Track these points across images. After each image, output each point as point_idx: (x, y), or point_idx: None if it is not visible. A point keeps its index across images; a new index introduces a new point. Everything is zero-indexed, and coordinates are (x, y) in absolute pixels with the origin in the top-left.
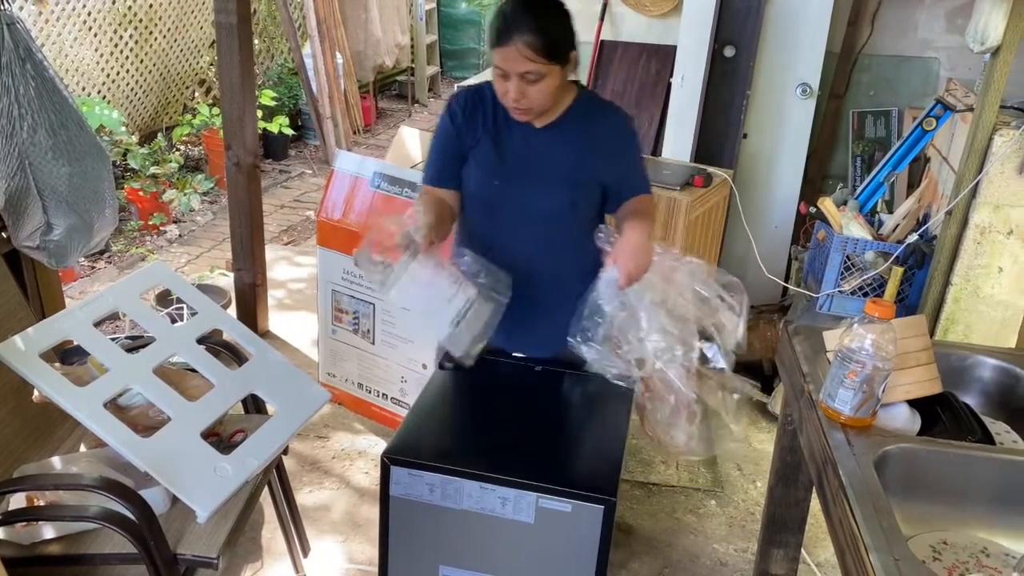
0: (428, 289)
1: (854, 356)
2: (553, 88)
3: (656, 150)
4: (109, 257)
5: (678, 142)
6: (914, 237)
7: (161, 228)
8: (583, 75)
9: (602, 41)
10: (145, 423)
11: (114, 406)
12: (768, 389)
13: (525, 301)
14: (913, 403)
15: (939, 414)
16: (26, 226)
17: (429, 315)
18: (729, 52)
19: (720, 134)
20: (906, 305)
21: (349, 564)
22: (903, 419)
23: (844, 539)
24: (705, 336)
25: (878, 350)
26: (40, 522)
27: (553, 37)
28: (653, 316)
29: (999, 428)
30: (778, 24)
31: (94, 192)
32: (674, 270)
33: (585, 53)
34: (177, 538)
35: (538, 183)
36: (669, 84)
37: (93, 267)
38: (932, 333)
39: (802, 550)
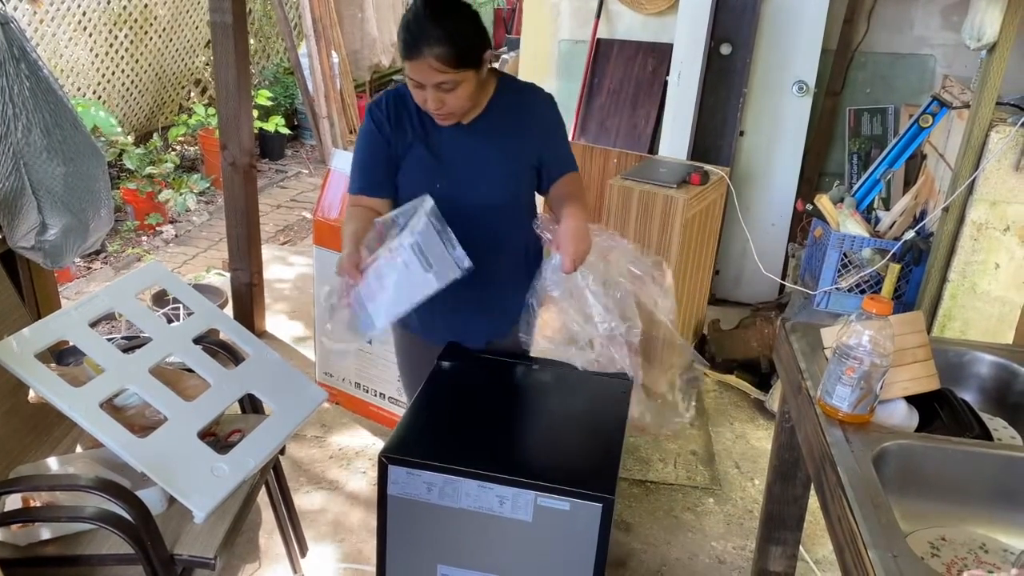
0: (390, 286)
1: (852, 352)
2: (471, 91)
3: (653, 148)
4: (105, 258)
5: (675, 140)
6: (911, 234)
7: (157, 228)
8: (579, 74)
9: (598, 39)
10: (141, 423)
11: (110, 406)
12: (765, 387)
13: (473, 293)
14: (911, 400)
15: (937, 410)
16: (21, 226)
17: (412, 298)
18: (725, 50)
19: (717, 132)
20: (903, 302)
21: (347, 564)
22: (901, 416)
23: (843, 536)
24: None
25: (876, 346)
26: (37, 523)
27: (463, 45)
28: (597, 296)
29: (997, 424)
30: (774, 22)
31: (89, 192)
32: (610, 249)
33: (581, 51)
34: (174, 538)
35: (480, 180)
36: (665, 82)
37: (89, 268)
38: (929, 330)
39: (800, 547)
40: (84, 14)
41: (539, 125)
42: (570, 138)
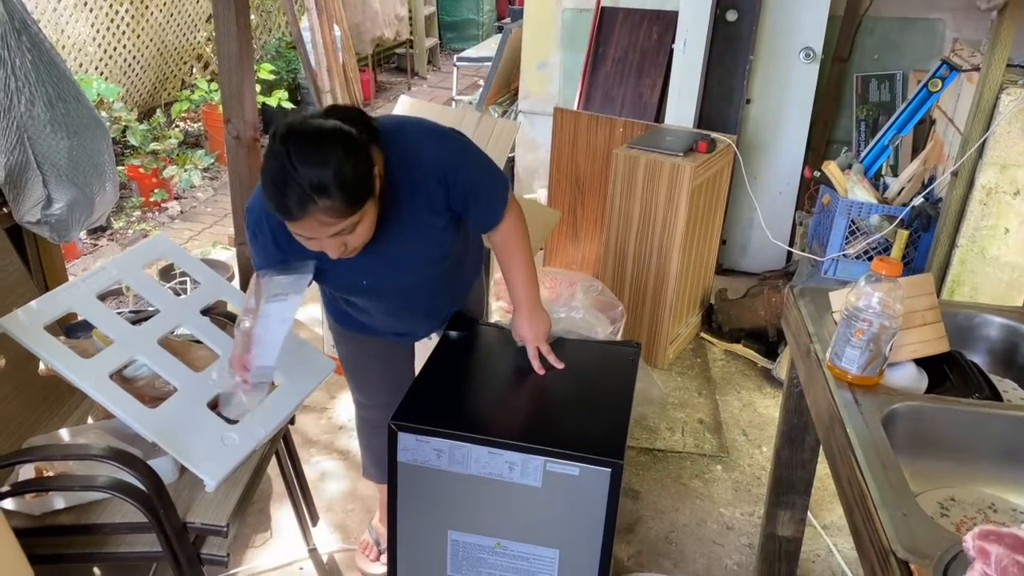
0: (277, 331)
1: (861, 314)
2: (373, 219)
3: (659, 116)
4: (111, 234)
5: (681, 108)
6: (919, 200)
7: (162, 205)
8: (583, 43)
9: (602, 7)
10: (151, 394)
11: (119, 378)
12: (773, 355)
13: (424, 320)
14: (920, 362)
15: (946, 372)
16: (27, 200)
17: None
18: (731, 16)
19: (723, 100)
20: (912, 268)
21: (358, 533)
22: (910, 378)
23: (852, 496)
24: None
25: (885, 308)
26: (50, 492)
27: (352, 183)
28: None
29: (1007, 386)
30: None
31: (94, 166)
32: (572, 295)
33: (586, 20)
34: (186, 507)
35: (407, 268)
36: (671, 50)
37: (95, 244)
38: (938, 295)
39: (808, 512)
40: None
41: (443, 182)
42: (576, 107)
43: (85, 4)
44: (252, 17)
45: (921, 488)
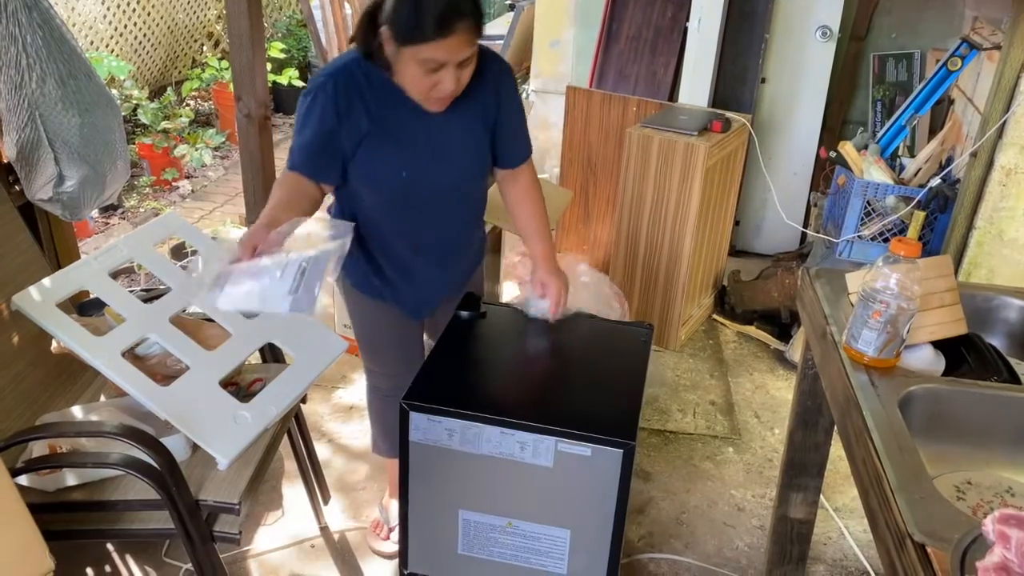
0: (253, 279)
1: (878, 296)
2: (473, 68)
3: (673, 95)
4: (123, 213)
5: (695, 87)
6: (936, 181)
7: (173, 184)
8: (597, 21)
9: None
10: (163, 372)
11: (132, 356)
12: (785, 337)
13: (444, 268)
14: (938, 345)
15: (964, 355)
16: (39, 178)
17: (265, 303)
18: None
19: (738, 79)
20: (928, 250)
21: (369, 512)
22: (927, 360)
23: (868, 479)
24: None
25: (903, 289)
26: (63, 469)
27: (479, 15)
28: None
29: None
30: None
31: (105, 143)
32: (581, 272)
33: None
34: (199, 485)
35: (448, 166)
36: (685, 28)
37: (107, 223)
38: (955, 277)
39: (820, 495)
40: None
41: (497, 97)
42: (589, 86)
43: None
44: None
45: (937, 471)
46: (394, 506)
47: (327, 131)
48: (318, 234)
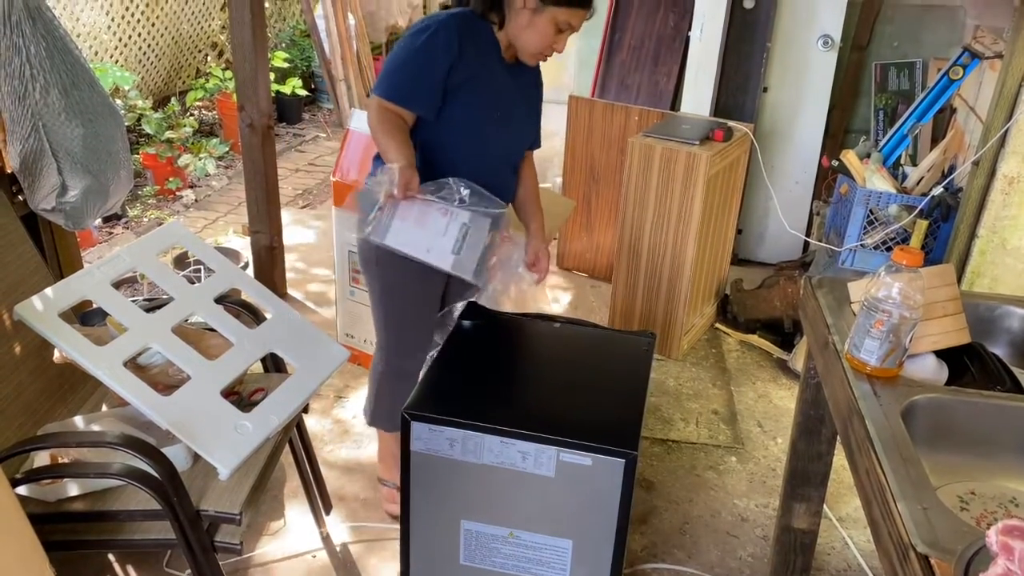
0: (421, 228)
1: (881, 305)
2: None
3: (675, 105)
4: (126, 222)
5: (698, 96)
6: (939, 189)
7: (177, 193)
8: (599, 30)
9: None
10: (165, 382)
11: (134, 365)
12: (788, 346)
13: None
14: (940, 354)
15: (967, 365)
16: (42, 188)
17: (428, 252)
18: (749, 3)
19: (740, 87)
20: (931, 259)
21: (371, 522)
22: (930, 370)
23: (871, 489)
24: None
25: (906, 299)
26: (64, 479)
27: None
28: None
29: None
30: None
31: (108, 153)
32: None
33: (601, 6)
34: (200, 495)
35: (523, 119)
36: (688, 37)
37: (111, 232)
38: (958, 286)
39: (824, 505)
40: None
41: (541, 84)
42: (591, 95)
43: None
44: (266, 5)
45: (941, 482)
46: (394, 474)
47: (441, 63)
48: (471, 195)
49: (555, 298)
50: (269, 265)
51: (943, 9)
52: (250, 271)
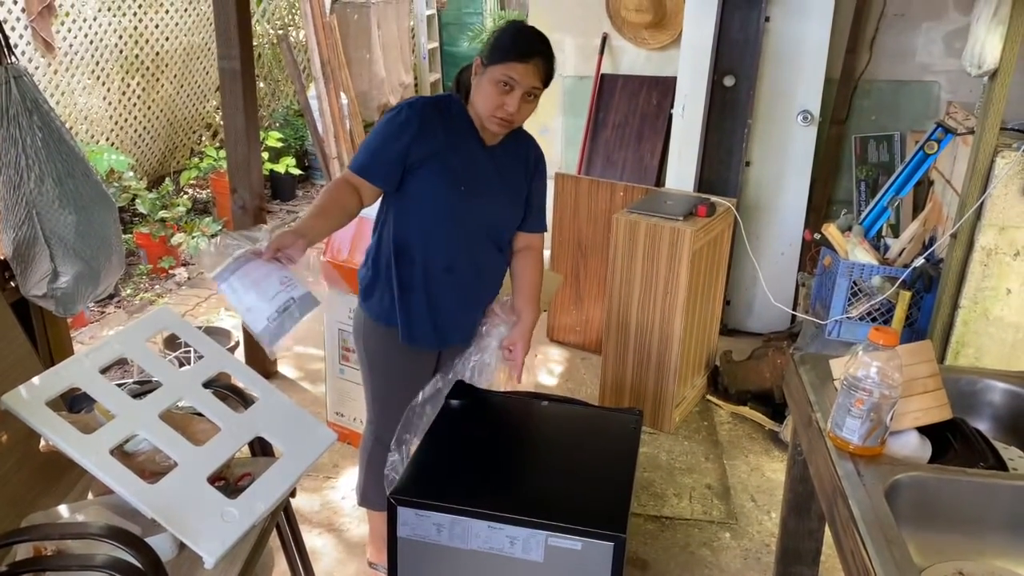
0: (255, 287)
1: (860, 384)
2: (533, 110)
3: (659, 181)
4: (119, 302)
5: (681, 172)
6: (920, 261)
7: (170, 272)
8: (584, 109)
9: (602, 75)
10: (152, 469)
11: (120, 453)
12: (780, 417)
13: (466, 301)
14: (923, 430)
15: (950, 440)
16: (34, 275)
17: (248, 312)
18: (729, 82)
19: (723, 163)
20: (915, 329)
21: None
22: (913, 446)
23: (856, 572)
24: None
25: (884, 377)
26: (47, 572)
27: (553, 66)
28: None
29: (1012, 454)
30: (777, 53)
31: (101, 239)
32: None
33: (586, 87)
34: None
35: (494, 193)
36: (670, 115)
37: (103, 312)
38: (942, 357)
39: None
40: (98, 63)
41: (534, 167)
42: (576, 172)
43: (99, 78)
44: (260, 85)
45: (928, 561)
46: (383, 556)
47: (402, 139)
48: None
49: (548, 370)
50: (259, 344)
51: (918, 84)
52: (241, 350)
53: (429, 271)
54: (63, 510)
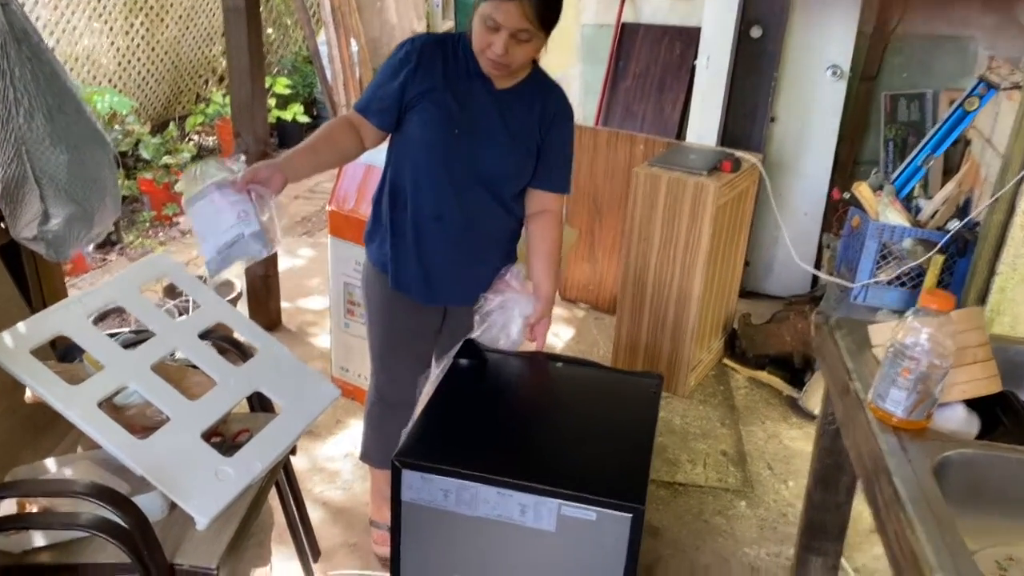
0: (215, 216)
1: (908, 352)
2: (532, 53)
3: (680, 134)
4: (121, 248)
5: (703, 126)
6: (955, 224)
7: (174, 219)
8: (604, 58)
9: (623, 23)
10: (143, 423)
11: (110, 406)
12: (799, 383)
13: (457, 254)
14: (970, 403)
15: (999, 415)
16: (23, 216)
17: (203, 240)
18: (756, 33)
19: (747, 118)
20: None
21: (361, 569)
22: (959, 421)
23: (901, 556)
24: None
25: (935, 346)
26: (30, 529)
27: (551, 7)
28: None
29: None
30: (807, 3)
31: (94, 181)
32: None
33: (606, 35)
34: (175, 546)
35: (494, 140)
36: (694, 66)
37: (105, 259)
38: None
39: (842, 559)
40: (99, 1)
41: (556, 120)
42: (595, 124)
43: (100, 16)
44: (269, 31)
45: (977, 546)
46: (385, 514)
47: (399, 76)
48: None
49: (555, 332)
50: (264, 295)
51: (953, 40)
52: (244, 301)
53: (419, 218)
54: (50, 464)
